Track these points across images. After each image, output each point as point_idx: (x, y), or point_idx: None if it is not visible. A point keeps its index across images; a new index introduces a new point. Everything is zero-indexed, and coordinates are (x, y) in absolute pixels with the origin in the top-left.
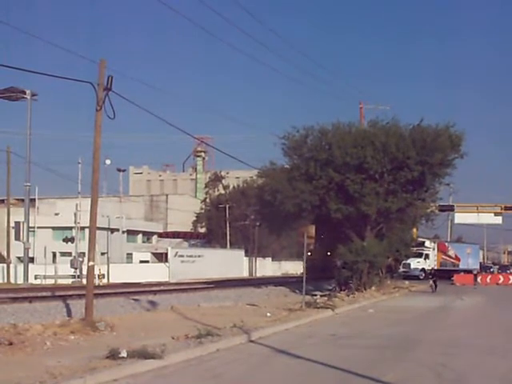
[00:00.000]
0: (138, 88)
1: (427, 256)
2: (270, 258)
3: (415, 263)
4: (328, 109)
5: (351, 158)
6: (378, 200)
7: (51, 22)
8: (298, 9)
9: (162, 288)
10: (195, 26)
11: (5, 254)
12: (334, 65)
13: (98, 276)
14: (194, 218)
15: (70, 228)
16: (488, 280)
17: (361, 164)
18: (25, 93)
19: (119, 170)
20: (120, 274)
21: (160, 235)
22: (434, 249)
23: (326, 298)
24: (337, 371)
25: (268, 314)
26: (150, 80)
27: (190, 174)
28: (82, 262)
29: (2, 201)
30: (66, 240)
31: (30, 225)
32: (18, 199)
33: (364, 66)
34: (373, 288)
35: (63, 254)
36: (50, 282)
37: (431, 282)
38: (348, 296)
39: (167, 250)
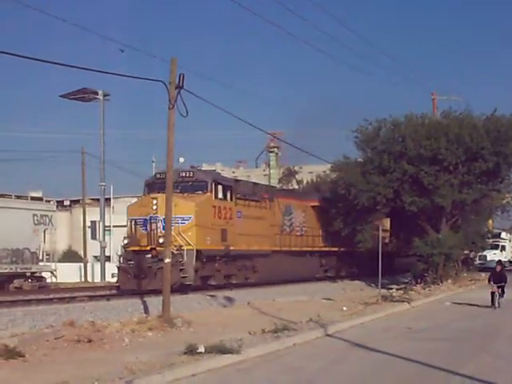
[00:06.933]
0: (209, 85)
1: (503, 248)
2: None
3: (491, 255)
4: (400, 100)
5: (425, 150)
6: (453, 192)
7: (120, 22)
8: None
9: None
10: (262, 21)
11: (82, 253)
12: (404, 56)
13: None
14: None
15: None
16: None
17: (435, 156)
18: (97, 93)
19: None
20: None
21: None
22: (510, 240)
23: (401, 292)
24: (414, 364)
25: (344, 308)
26: (219, 76)
27: (264, 170)
28: None
29: (78, 201)
30: None
31: (106, 224)
32: (93, 199)
33: (435, 57)
34: (449, 281)
35: None
36: None
37: (495, 287)
38: (424, 289)
39: None
